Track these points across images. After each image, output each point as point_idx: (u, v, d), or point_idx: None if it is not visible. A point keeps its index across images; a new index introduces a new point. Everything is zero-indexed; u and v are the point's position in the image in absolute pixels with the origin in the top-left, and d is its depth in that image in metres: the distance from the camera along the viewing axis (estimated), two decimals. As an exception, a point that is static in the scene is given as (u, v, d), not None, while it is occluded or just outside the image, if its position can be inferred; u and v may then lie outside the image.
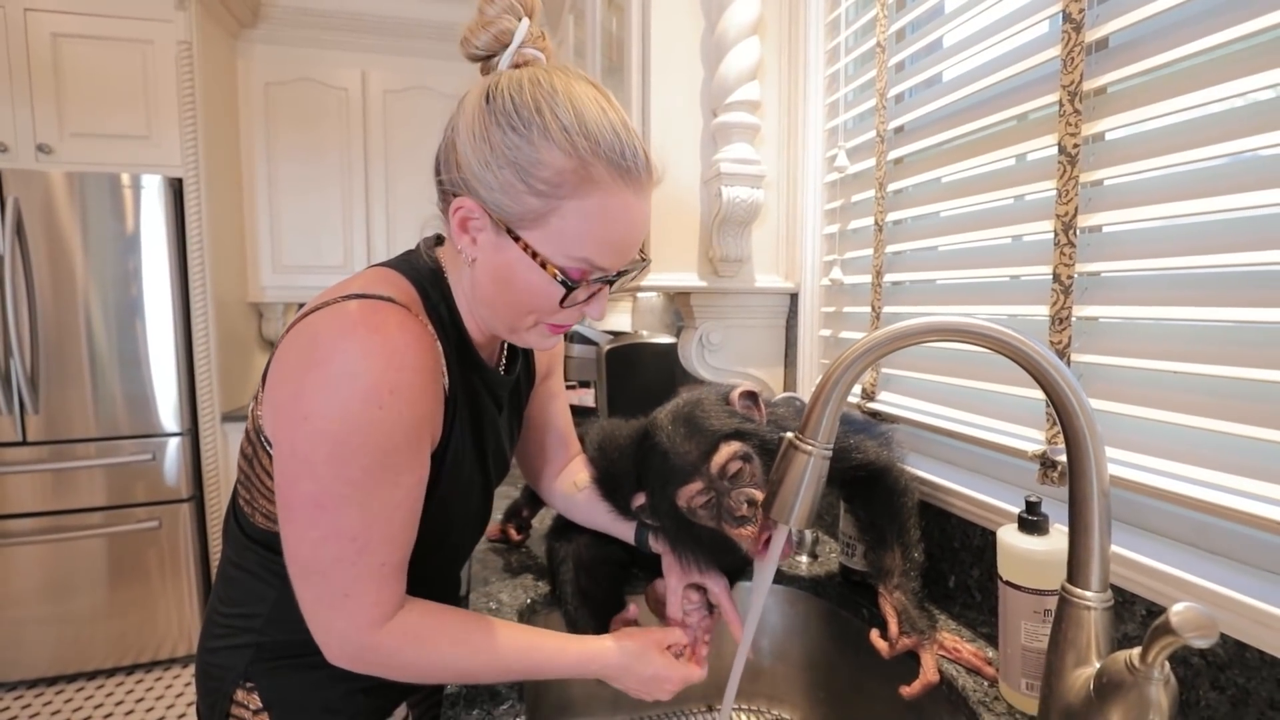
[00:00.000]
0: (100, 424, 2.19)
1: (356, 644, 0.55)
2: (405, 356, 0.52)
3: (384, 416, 0.51)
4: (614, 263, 0.56)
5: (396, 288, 0.57)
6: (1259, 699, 0.48)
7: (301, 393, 0.51)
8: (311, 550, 0.53)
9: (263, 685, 0.65)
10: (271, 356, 0.57)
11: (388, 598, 0.56)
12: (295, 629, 0.62)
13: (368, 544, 0.53)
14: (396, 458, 0.53)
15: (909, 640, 0.66)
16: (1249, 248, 0.50)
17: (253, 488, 0.62)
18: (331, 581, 0.53)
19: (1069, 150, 0.61)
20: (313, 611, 0.56)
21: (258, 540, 0.64)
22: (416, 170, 2.73)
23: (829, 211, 1.09)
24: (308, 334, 0.53)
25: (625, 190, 0.54)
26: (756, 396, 0.70)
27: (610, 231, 0.54)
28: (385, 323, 0.52)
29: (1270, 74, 0.48)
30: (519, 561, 0.96)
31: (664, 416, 0.68)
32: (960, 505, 0.76)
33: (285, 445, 0.53)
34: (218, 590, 0.70)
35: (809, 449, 0.53)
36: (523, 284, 0.56)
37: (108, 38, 2.16)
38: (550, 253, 0.54)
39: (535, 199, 0.52)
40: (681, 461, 0.65)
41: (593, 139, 0.52)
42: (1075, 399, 0.48)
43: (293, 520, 0.53)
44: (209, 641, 0.68)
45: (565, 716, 0.86)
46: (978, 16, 0.75)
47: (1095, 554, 0.49)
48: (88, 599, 2.20)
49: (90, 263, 2.14)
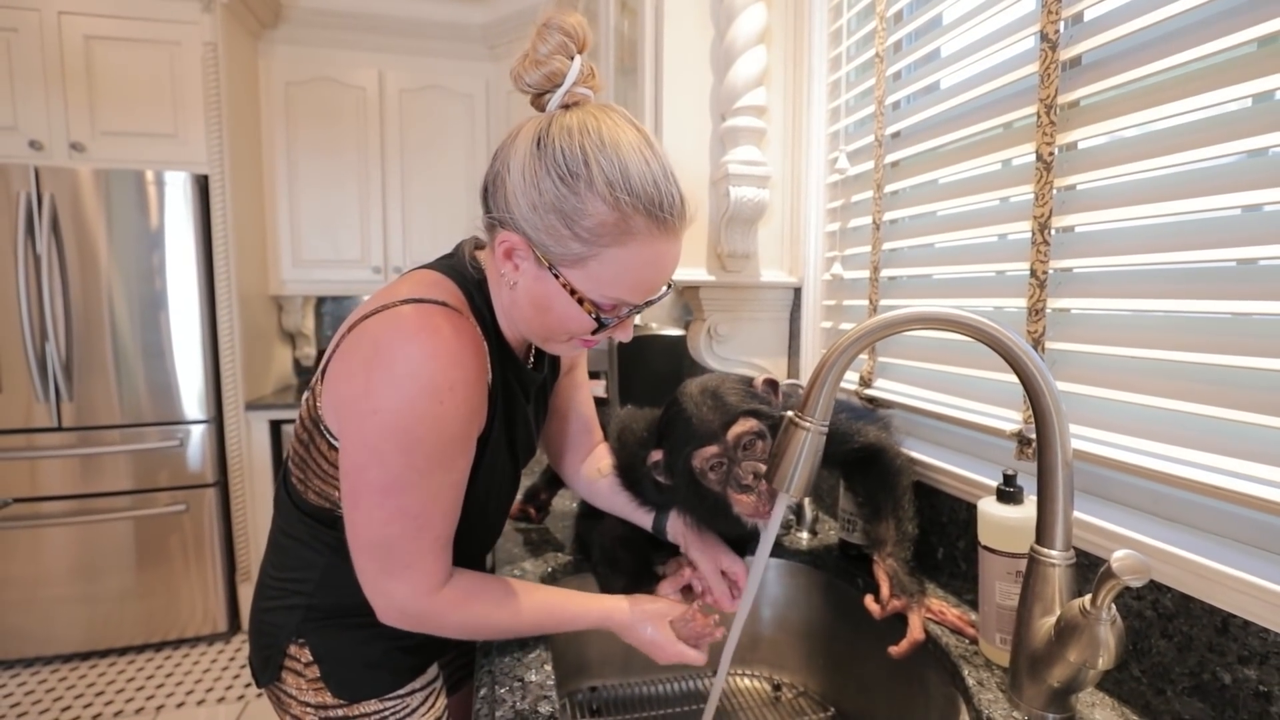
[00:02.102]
0: (129, 411, 2.28)
1: (416, 608, 0.63)
2: (461, 356, 0.58)
3: (444, 411, 0.57)
4: (643, 299, 0.62)
5: (447, 292, 0.63)
6: (1200, 644, 0.54)
7: (369, 390, 0.57)
8: (379, 529, 0.60)
9: (313, 641, 0.72)
10: (331, 354, 0.63)
11: (442, 567, 0.64)
12: (343, 593, 0.70)
13: (428, 521, 0.61)
14: (454, 446, 0.60)
15: (899, 602, 0.72)
16: (1204, 246, 0.57)
17: (307, 468, 0.69)
18: (395, 555, 0.61)
19: (1045, 157, 0.67)
20: (374, 581, 0.63)
21: (309, 514, 0.71)
22: (431, 167, 2.80)
23: (830, 210, 1.15)
24: (369, 337, 0.59)
25: (661, 239, 0.58)
26: (777, 385, 0.77)
27: (643, 276, 0.59)
28: (442, 326, 0.58)
29: (1225, 91, 0.54)
30: (539, 537, 1.03)
31: (693, 387, 0.75)
32: (947, 482, 0.83)
33: (355, 437, 0.59)
34: (269, 556, 0.77)
35: (807, 425, 0.60)
36: (560, 312, 0.61)
37: (137, 39, 2.24)
38: (587, 290, 0.59)
39: (578, 244, 0.57)
40: (704, 428, 0.71)
41: (634, 193, 0.55)
42: (1043, 381, 0.54)
43: (360, 504, 0.60)
44: (263, 602, 0.76)
45: (581, 676, 0.94)
46: (968, 32, 0.81)
47: (1059, 517, 0.56)
48: (117, 579, 2.29)
49: (116, 257, 2.22)
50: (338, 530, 0.68)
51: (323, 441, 0.65)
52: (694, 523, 0.77)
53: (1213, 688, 0.53)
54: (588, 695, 0.93)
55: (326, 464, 0.66)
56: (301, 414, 0.69)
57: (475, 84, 2.80)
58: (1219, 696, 0.53)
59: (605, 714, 0.91)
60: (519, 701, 0.62)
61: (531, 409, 0.78)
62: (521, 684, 0.65)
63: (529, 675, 0.66)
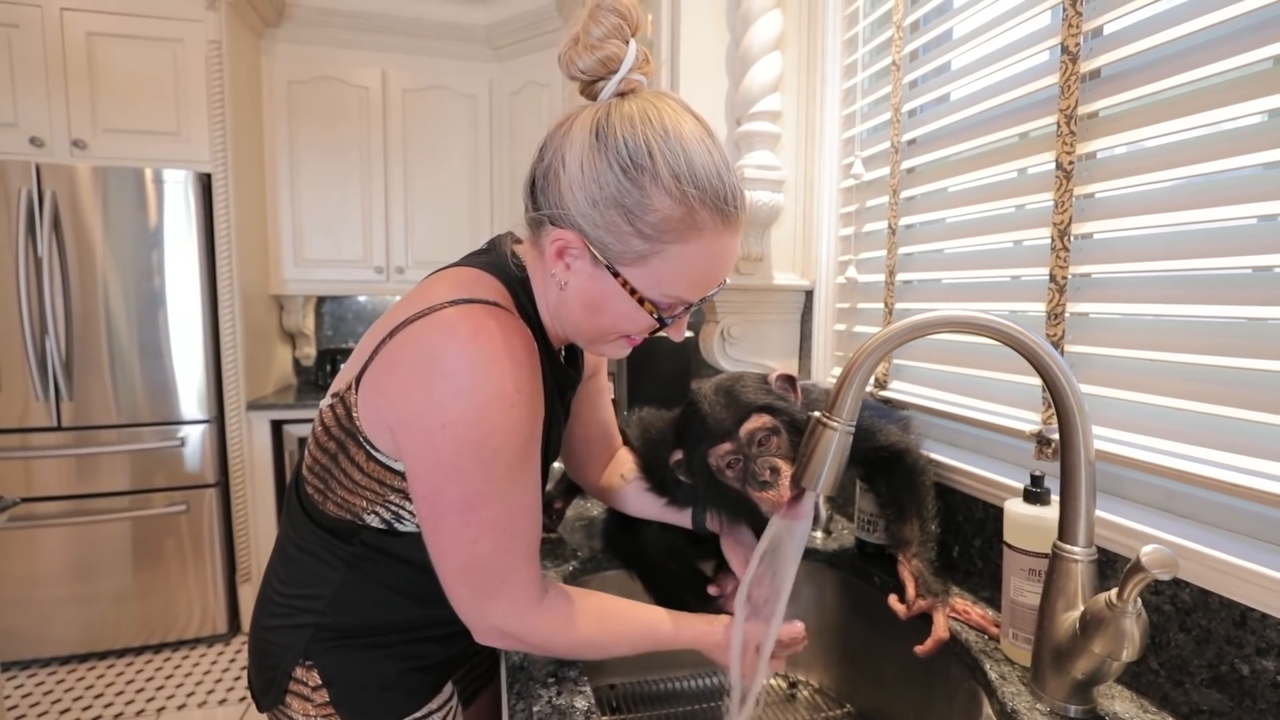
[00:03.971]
0: (128, 411, 2.26)
1: (517, 627, 0.60)
2: (520, 355, 0.55)
3: (516, 415, 0.55)
4: (701, 295, 0.59)
5: (492, 290, 0.60)
6: (1218, 637, 0.56)
7: (433, 405, 0.53)
8: (468, 549, 0.57)
9: (322, 663, 0.67)
10: (369, 361, 0.59)
11: (537, 577, 0.61)
12: (358, 613, 0.67)
13: (516, 530, 0.58)
14: (530, 448, 0.57)
15: (924, 603, 0.73)
16: (1220, 254, 0.59)
17: (330, 478, 0.64)
18: (490, 572, 0.58)
19: (1065, 166, 0.70)
20: (470, 604, 0.59)
21: (324, 526, 0.66)
22: (434, 167, 2.80)
23: (843, 215, 1.17)
24: (419, 345, 0.55)
25: (725, 234, 0.56)
26: (794, 380, 0.78)
27: (705, 273, 0.57)
28: (496, 328, 0.54)
29: (1241, 106, 0.56)
30: (551, 550, 0.98)
31: (708, 386, 0.76)
32: (964, 482, 0.85)
33: (426, 457, 0.55)
34: (275, 569, 0.71)
35: (835, 425, 0.62)
36: (614, 312, 0.58)
37: (140, 37, 2.23)
38: (646, 288, 0.56)
39: (640, 241, 0.54)
40: (717, 426, 0.72)
41: (700, 185, 0.53)
42: (1067, 383, 0.56)
43: (443, 526, 0.57)
44: (266, 619, 0.70)
45: (601, 674, 0.95)
46: (986, 43, 0.83)
47: (1081, 515, 0.58)
48: (116, 579, 2.28)
49: (117, 254, 2.21)
50: (355, 545, 0.65)
51: (359, 452, 0.61)
52: (724, 519, 0.78)
53: (1231, 679, 0.55)
54: (607, 692, 0.94)
55: (360, 474, 0.62)
56: (326, 423, 0.63)
57: (478, 84, 2.80)
58: (1237, 687, 0.55)
59: (625, 710, 0.92)
60: (555, 697, 0.63)
61: (561, 411, 0.76)
62: (556, 680, 0.66)
63: (563, 671, 0.68)
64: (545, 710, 0.61)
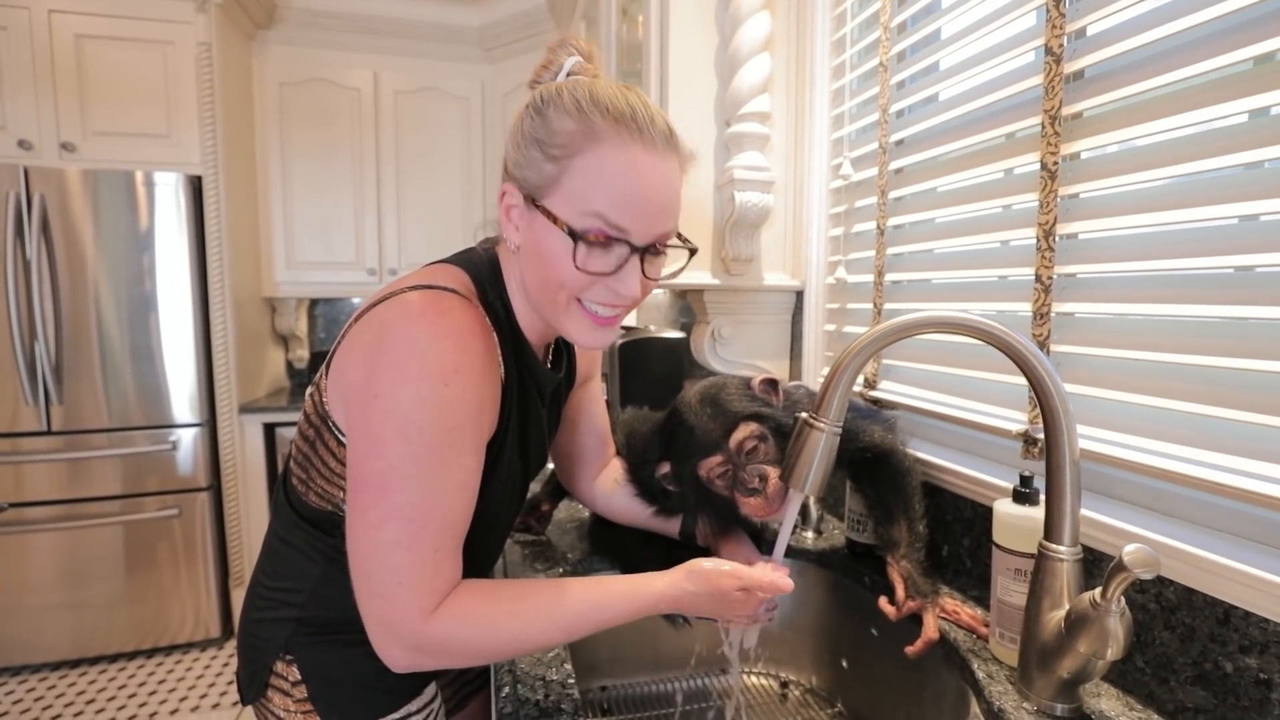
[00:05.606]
0: (119, 415, 2.25)
1: (410, 637, 0.54)
2: (467, 340, 0.55)
3: (449, 394, 0.54)
4: (632, 223, 0.56)
5: (455, 280, 0.61)
6: (1202, 634, 0.57)
7: (372, 376, 0.54)
8: (373, 533, 0.54)
9: (301, 658, 0.68)
10: (336, 347, 0.61)
11: (441, 585, 0.55)
12: (338, 607, 0.66)
13: (424, 527, 0.54)
14: (458, 435, 0.55)
15: (914, 604, 0.73)
16: (1203, 254, 0.59)
17: (310, 467, 0.65)
18: (386, 568, 0.54)
19: (1049, 167, 0.70)
20: (368, 605, 0.55)
21: (307, 518, 0.67)
22: (427, 169, 2.80)
23: (833, 215, 1.17)
24: (375, 324, 0.56)
25: (632, 144, 0.55)
26: (776, 384, 0.78)
27: (617, 184, 0.55)
28: (448, 309, 0.55)
29: (1222, 106, 0.57)
30: (536, 552, 0.97)
31: (692, 396, 0.76)
32: (952, 481, 0.85)
33: (358, 426, 0.55)
34: (263, 564, 0.73)
35: (822, 426, 0.62)
36: (549, 253, 0.57)
37: (130, 39, 2.22)
38: (569, 216, 0.56)
39: (550, 164, 0.56)
40: (706, 438, 0.72)
41: (599, 104, 0.56)
42: (1052, 383, 0.57)
43: (355, 503, 0.55)
44: (253, 613, 0.71)
45: (592, 676, 0.95)
46: (972, 44, 0.83)
47: (1067, 514, 0.58)
48: (107, 584, 2.26)
49: (107, 258, 2.20)
50: (336, 538, 0.65)
51: (330, 437, 0.62)
52: (715, 526, 0.78)
53: (1215, 676, 0.56)
54: (598, 694, 0.94)
55: (335, 461, 0.63)
56: (306, 409, 0.65)
57: (471, 86, 2.80)
58: (1221, 685, 0.55)
59: (615, 712, 0.92)
60: (542, 700, 0.63)
61: (546, 413, 0.76)
62: (543, 682, 0.66)
63: (549, 674, 0.67)
64: (532, 713, 0.61)
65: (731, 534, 0.79)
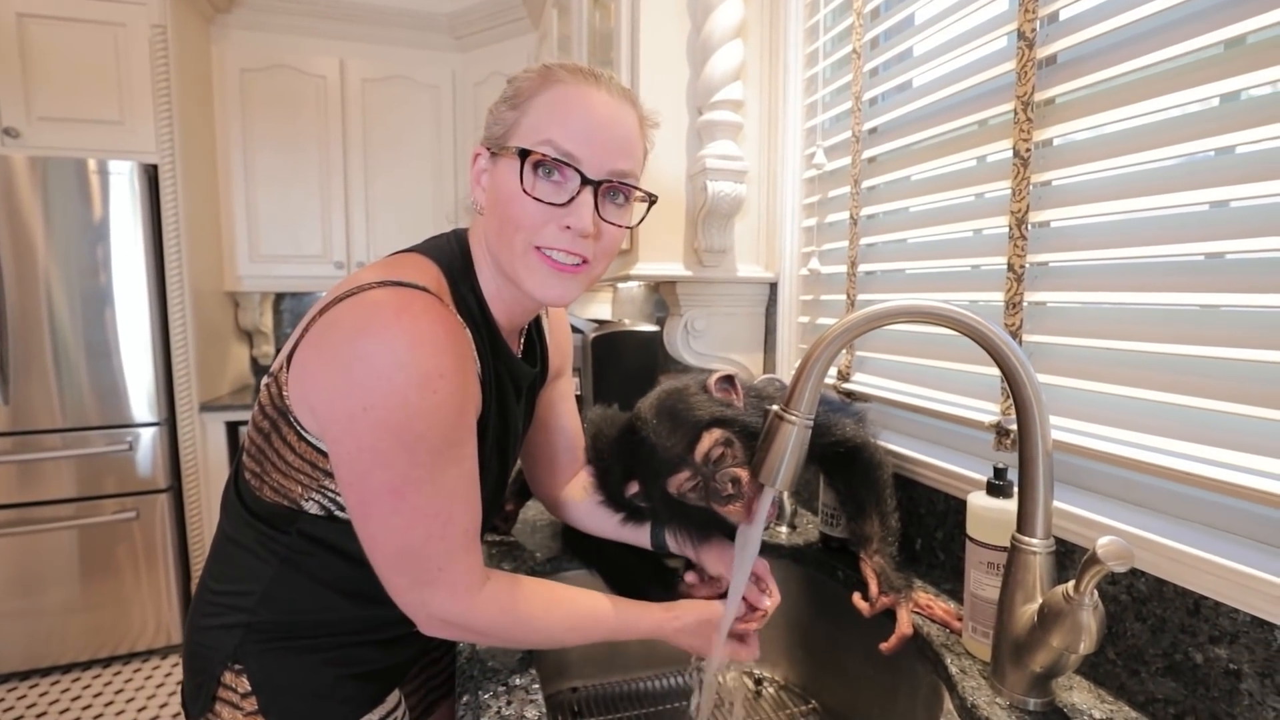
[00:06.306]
0: (73, 414, 2.15)
1: (458, 615, 0.59)
2: (444, 341, 0.54)
3: (438, 400, 0.53)
4: (582, 149, 0.57)
5: (426, 275, 0.59)
6: (1173, 625, 0.56)
7: (353, 387, 0.52)
8: (399, 537, 0.56)
9: (252, 668, 0.64)
10: (298, 340, 0.58)
11: (477, 563, 0.60)
12: (290, 609, 0.64)
13: (451, 516, 0.57)
14: (457, 433, 0.57)
15: (887, 599, 0.72)
16: (1175, 241, 0.58)
17: (266, 460, 0.62)
18: (425, 559, 0.57)
19: (1022, 154, 0.69)
20: (408, 594, 0.58)
21: (260, 515, 0.64)
22: (396, 160, 2.73)
23: (806, 206, 1.16)
24: (345, 325, 0.54)
25: (585, 84, 0.59)
26: (734, 380, 0.74)
27: (570, 113, 0.58)
28: (421, 312, 0.54)
29: (1194, 91, 0.56)
30: (503, 552, 0.93)
31: (647, 409, 0.71)
32: (926, 474, 0.84)
33: (349, 440, 0.54)
34: (210, 567, 0.69)
35: (793, 419, 0.60)
36: (505, 191, 0.59)
37: (77, 19, 2.11)
38: (520, 144, 0.58)
39: (512, 111, 0.60)
40: (668, 454, 0.68)
41: (563, 64, 0.60)
42: (1025, 373, 0.55)
43: (373, 513, 0.56)
44: (199, 620, 0.67)
45: (562, 677, 0.92)
46: (945, 29, 0.82)
47: (1040, 506, 0.57)
48: (62, 591, 2.17)
49: (57, 250, 2.10)
50: (290, 535, 0.63)
51: (290, 431, 0.60)
52: (694, 538, 0.75)
53: (1185, 667, 0.55)
54: (569, 696, 0.91)
55: (293, 454, 0.60)
56: (262, 401, 0.62)
57: (442, 75, 2.74)
58: (1191, 676, 0.55)
59: (587, 714, 0.89)
60: (504, 707, 0.60)
61: (522, 408, 0.74)
62: (506, 689, 0.63)
63: (514, 679, 0.65)
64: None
65: (712, 542, 0.76)
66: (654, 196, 0.64)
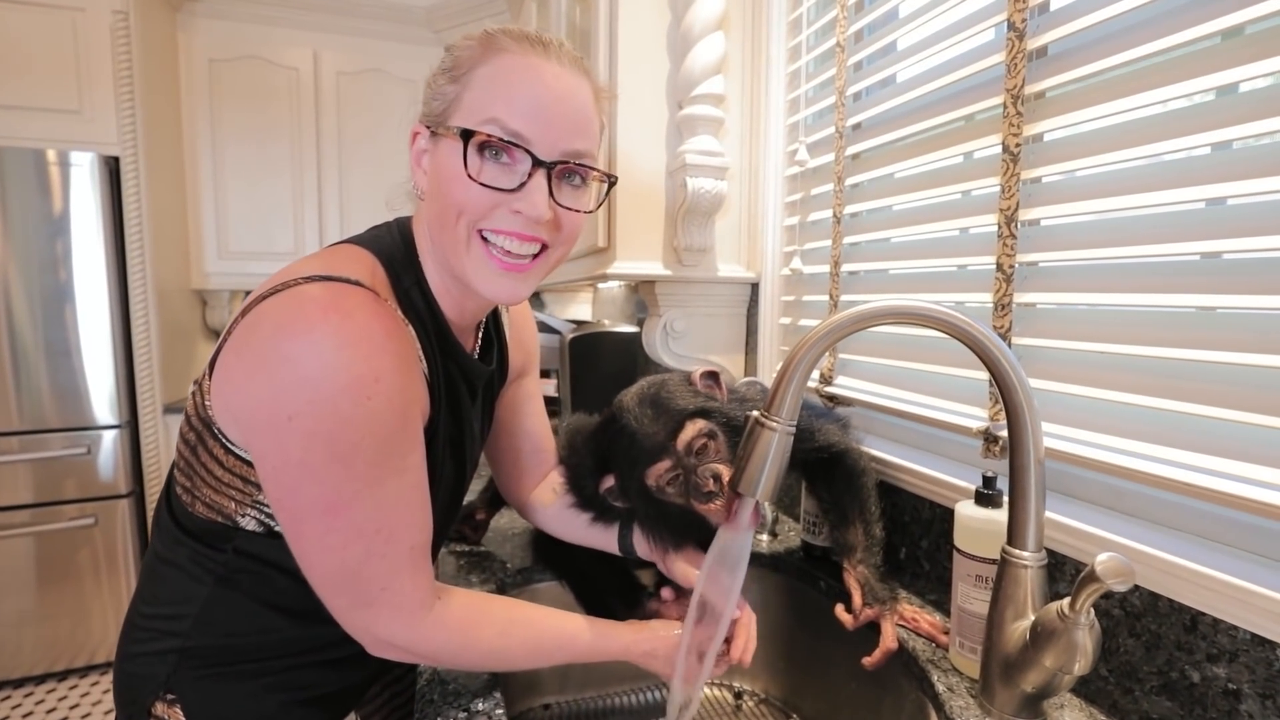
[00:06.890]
0: (30, 416, 2.06)
1: (405, 638, 0.55)
2: (380, 341, 0.49)
3: (374, 406, 0.48)
4: (532, 129, 0.52)
5: (363, 269, 0.54)
6: (1168, 641, 0.54)
7: (278, 393, 0.47)
8: (337, 554, 0.51)
9: (187, 698, 0.59)
10: (222, 342, 0.53)
11: (424, 581, 0.55)
12: (227, 632, 0.59)
13: (393, 532, 0.52)
14: (398, 442, 0.51)
15: (871, 611, 0.70)
16: (1170, 240, 0.56)
17: (195, 475, 0.57)
18: (366, 581, 0.52)
19: (1011, 149, 0.66)
20: (350, 615, 0.54)
21: (193, 532, 0.59)
22: (371, 155, 2.66)
23: (789, 204, 1.13)
24: (269, 324, 0.48)
25: (532, 53, 0.53)
26: (718, 376, 0.73)
27: (517, 88, 0.52)
28: (353, 309, 0.49)
29: (1190, 83, 0.53)
30: (473, 563, 0.90)
31: (629, 399, 0.69)
32: (911, 481, 0.81)
33: (275, 453, 0.49)
34: (140, 590, 0.64)
35: (774, 425, 0.56)
36: (446, 173, 0.53)
37: (31, 3, 2.02)
38: (462, 124, 0.52)
39: (453, 85, 0.54)
40: (649, 442, 0.66)
41: (506, 30, 0.54)
42: (1016, 377, 0.52)
43: (306, 532, 0.51)
44: (128, 647, 0.62)
45: (532, 694, 0.88)
46: (931, 21, 0.79)
47: (1031, 518, 0.54)
48: (15, 601, 2.07)
49: (13, 244, 2.00)
50: (227, 553, 0.58)
51: (215, 444, 0.55)
52: (670, 541, 0.71)
53: (1181, 686, 0.53)
54: (540, 714, 0.87)
55: (220, 469, 0.55)
56: (188, 410, 0.57)
57: (418, 69, 2.67)
58: (1187, 695, 0.52)
59: (560, 733, 0.85)
60: (464, 734, 0.56)
61: (479, 409, 0.69)
62: (468, 714, 0.59)
63: (476, 704, 0.60)
64: (451, 753, 0.54)
65: (684, 550, 0.72)
66: (613, 177, 0.60)
